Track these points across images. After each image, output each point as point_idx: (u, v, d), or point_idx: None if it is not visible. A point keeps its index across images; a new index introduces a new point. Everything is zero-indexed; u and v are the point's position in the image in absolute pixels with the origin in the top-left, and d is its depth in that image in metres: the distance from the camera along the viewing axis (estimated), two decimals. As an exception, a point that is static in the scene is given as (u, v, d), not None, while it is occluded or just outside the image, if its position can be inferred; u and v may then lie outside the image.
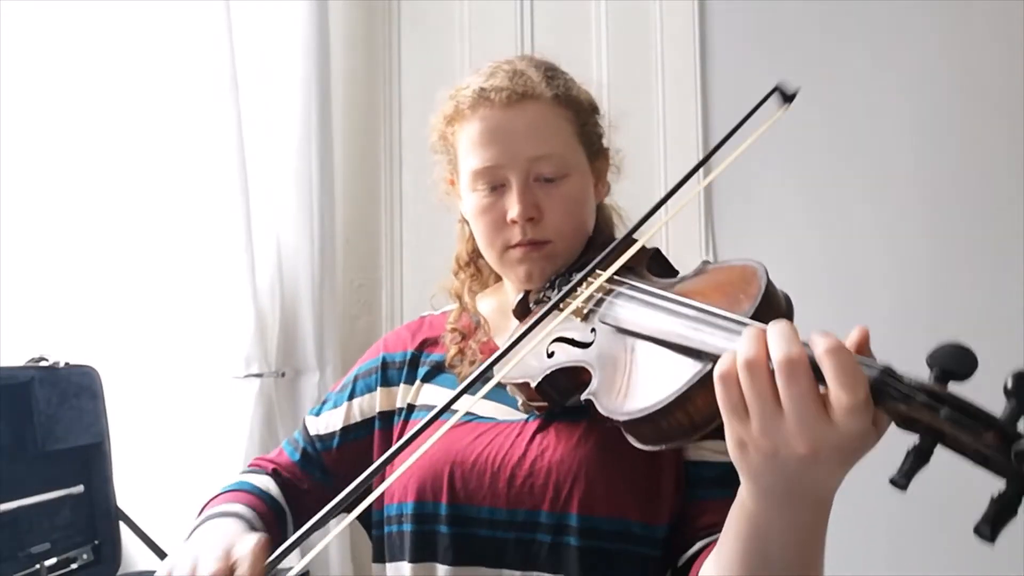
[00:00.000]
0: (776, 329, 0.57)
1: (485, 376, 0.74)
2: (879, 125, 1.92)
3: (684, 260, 1.98)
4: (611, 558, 0.83)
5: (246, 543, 0.73)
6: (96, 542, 1.60)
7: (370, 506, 1.00)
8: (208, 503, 0.96)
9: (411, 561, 0.90)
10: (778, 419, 0.56)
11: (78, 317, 1.73)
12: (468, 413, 0.92)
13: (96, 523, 1.61)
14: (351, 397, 1.04)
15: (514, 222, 0.91)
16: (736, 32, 2.00)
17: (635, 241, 0.82)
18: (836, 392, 0.54)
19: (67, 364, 1.59)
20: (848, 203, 1.93)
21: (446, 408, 0.71)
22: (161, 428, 1.76)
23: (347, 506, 0.69)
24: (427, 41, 2.15)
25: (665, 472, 0.85)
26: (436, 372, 1.00)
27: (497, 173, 0.91)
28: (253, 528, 0.87)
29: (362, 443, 1.01)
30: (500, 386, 0.88)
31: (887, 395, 0.55)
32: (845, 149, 1.93)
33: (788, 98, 0.89)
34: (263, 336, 1.82)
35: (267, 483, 1.00)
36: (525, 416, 0.90)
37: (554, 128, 0.92)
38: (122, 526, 1.65)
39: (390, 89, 2.16)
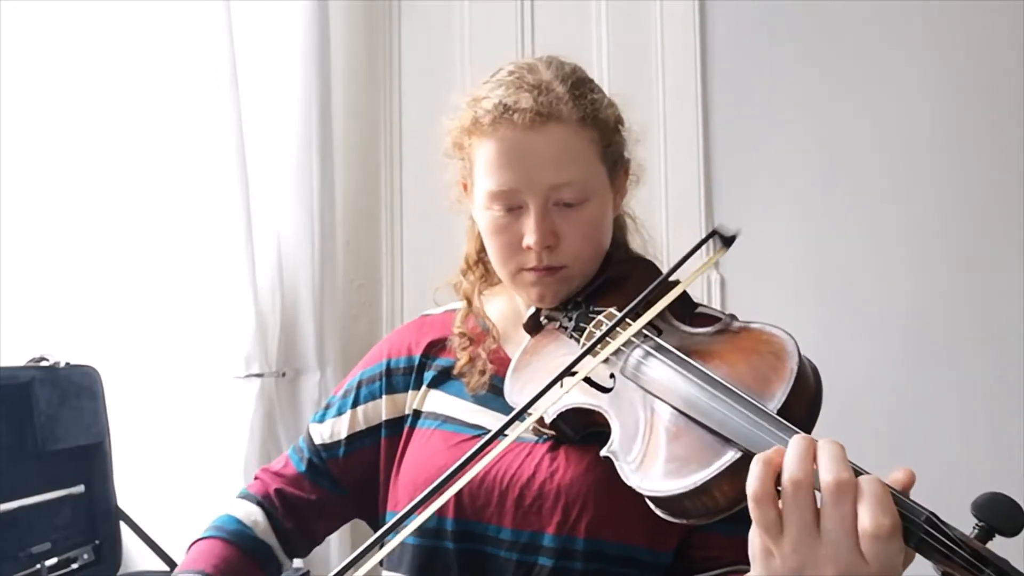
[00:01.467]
0: (827, 452, 0.57)
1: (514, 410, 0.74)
2: (881, 125, 1.91)
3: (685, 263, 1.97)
4: None
5: None
6: (96, 542, 1.60)
7: (380, 511, 1.00)
8: (191, 546, 0.96)
9: (411, 574, 0.89)
10: (814, 539, 0.56)
11: (78, 317, 1.73)
12: (478, 427, 0.91)
13: (96, 523, 1.61)
14: (355, 404, 1.02)
15: (530, 248, 0.88)
16: (737, 33, 2.00)
17: (670, 287, 0.81)
18: (865, 521, 0.55)
19: (67, 364, 1.59)
20: (852, 201, 1.92)
21: (496, 435, 0.69)
22: (161, 428, 1.76)
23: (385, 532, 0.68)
24: (427, 41, 2.15)
25: None
26: (443, 378, 0.98)
27: (515, 197, 0.87)
28: None
29: (368, 451, 0.99)
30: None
31: (928, 545, 0.55)
32: (849, 147, 1.93)
33: (727, 241, 0.88)
34: (264, 336, 1.82)
35: (254, 515, 0.98)
36: (536, 436, 0.89)
37: (577, 152, 0.87)
38: (122, 526, 1.65)
39: (390, 89, 2.16)
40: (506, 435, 0.73)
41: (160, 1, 1.74)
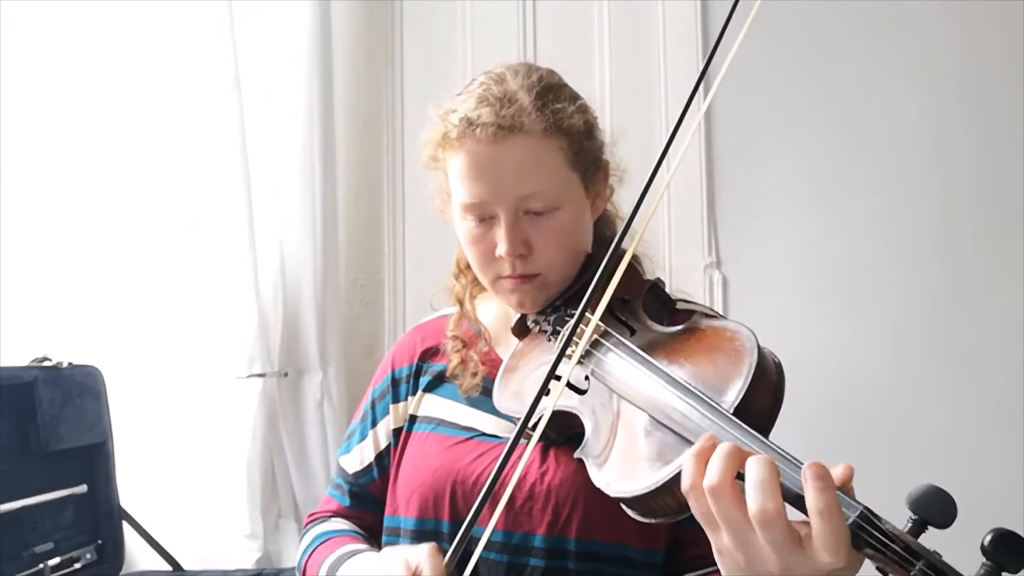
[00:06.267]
0: (755, 476, 0.57)
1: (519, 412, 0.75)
2: (882, 125, 1.92)
3: (685, 261, 1.97)
4: None
5: (419, 549, 0.75)
6: (99, 542, 1.61)
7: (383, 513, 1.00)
8: (308, 560, 0.96)
9: None
10: (750, 536, 0.57)
11: (81, 317, 1.74)
12: (472, 430, 0.92)
13: (99, 523, 1.62)
14: (374, 424, 1.03)
15: (503, 257, 0.89)
16: (738, 33, 1.99)
17: (623, 253, 0.79)
18: (819, 549, 0.55)
19: (70, 364, 1.60)
20: (852, 201, 1.92)
21: (511, 450, 0.69)
22: (164, 428, 1.77)
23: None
24: (429, 42, 2.15)
25: None
26: (438, 382, 0.99)
27: (486, 208, 0.88)
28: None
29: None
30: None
31: (862, 540, 0.55)
32: (848, 148, 1.93)
33: None
34: (266, 336, 1.82)
35: (342, 524, 1.01)
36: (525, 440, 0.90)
37: (543, 163, 0.87)
38: (125, 526, 1.66)
39: (392, 89, 2.16)
40: (524, 438, 0.73)
41: (163, 2, 1.75)
